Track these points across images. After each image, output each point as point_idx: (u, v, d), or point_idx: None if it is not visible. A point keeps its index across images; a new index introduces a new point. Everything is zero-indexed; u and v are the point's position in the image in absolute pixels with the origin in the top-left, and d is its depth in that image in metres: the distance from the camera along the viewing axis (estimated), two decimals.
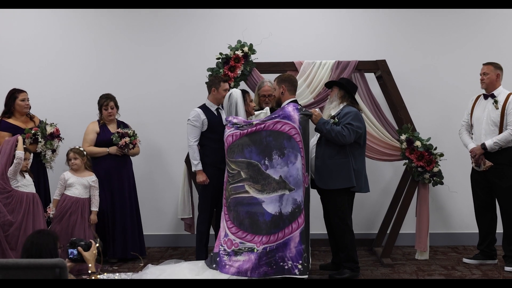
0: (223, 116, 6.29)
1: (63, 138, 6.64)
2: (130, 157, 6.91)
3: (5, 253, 5.77)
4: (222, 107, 6.35)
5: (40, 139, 6.43)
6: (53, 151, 6.52)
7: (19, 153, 5.91)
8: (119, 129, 6.71)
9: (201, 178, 6.21)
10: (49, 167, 6.60)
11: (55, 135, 6.51)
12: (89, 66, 7.59)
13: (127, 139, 6.62)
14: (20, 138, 6.02)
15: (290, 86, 5.96)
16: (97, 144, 6.71)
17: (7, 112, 6.58)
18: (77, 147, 6.46)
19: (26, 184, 6.01)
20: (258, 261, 5.55)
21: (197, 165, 6.22)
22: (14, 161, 5.89)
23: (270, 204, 5.61)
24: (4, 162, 5.90)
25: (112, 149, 6.68)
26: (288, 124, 5.64)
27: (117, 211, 6.73)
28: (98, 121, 6.83)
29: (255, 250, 5.57)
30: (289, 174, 5.60)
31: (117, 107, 6.84)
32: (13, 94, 6.58)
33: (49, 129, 6.47)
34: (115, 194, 6.72)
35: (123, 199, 6.76)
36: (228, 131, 5.83)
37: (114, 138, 6.62)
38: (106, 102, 6.75)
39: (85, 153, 6.42)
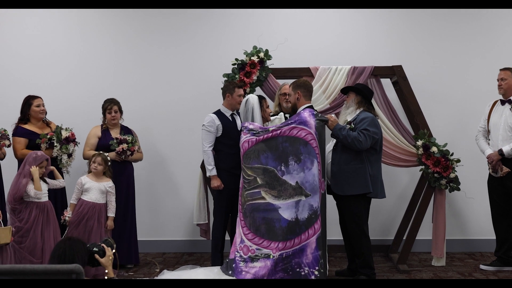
0: (238, 122, 6.31)
1: (78, 143, 6.67)
2: (132, 163, 6.91)
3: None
4: (237, 112, 6.36)
5: (55, 144, 6.47)
6: (69, 155, 6.54)
7: (35, 193, 5.87)
8: (119, 135, 6.70)
9: (216, 183, 6.22)
10: (65, 171, 6.62)
11: (71, 140, 6.53)
12: (106, 73, 7.63)
13: (124, 145, 6.60)
14: (35, 173, 5.93)
15: (305, 92, 5.95)
16: (98, 148, 6.68)
17: (23, 118, 6.63)
18: (106, 154, 6.46)
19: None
20: (274, 267, 5.55)
21: (211, 170, 6.22)
22: (30, 194, 5.86)
23: (286, 210, 5.60)
24: (15, 186, 5.88)
25: (112, 155, 6.64)
26: (304, 130, 5.63)
27: (117, 216, 6.63)
28: (101, 125, 6.84)
29: (271, 256, 5.57)
30: (306, 180, 5.59)
31: (121, 111, 6.84)
32: (28, 101, 6.64)
33: (64, 134, 6.50)
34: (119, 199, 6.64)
35: (120, 205, 6.66)
36: (244, 137, 5.84)
37: (112, 144, 6.63)
38: (110, 106, 6.75)
39: (109, 163, 6.43)
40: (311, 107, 5.92)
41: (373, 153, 5.88)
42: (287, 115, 6.34)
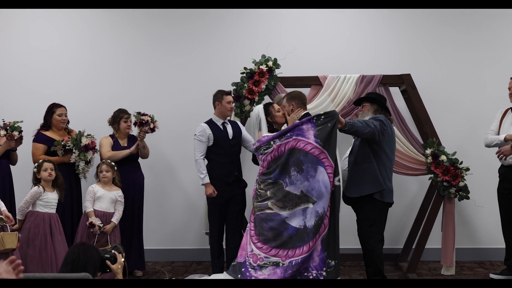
0: (230, 131, 6.41)
1: (97, 150, 6.69)
2: (141, 170, 6.94)
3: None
4: (229, 121, 6.47)
5: (74, 150, 6.47)
6: (87, 162, 6.55)
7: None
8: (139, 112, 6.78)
9: (209, 190, 6.28)
10: (82, 177, 6.65)
11: (90, 147, 6.52)
12: (115, 81, 7.68)
13: (147, 117, 6.67)
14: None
15: (300, 103, 5.93)
16: None
17: (45, 125, 6.68)
18: (109, 161, 6.50)
19: (44, 204, 5.95)
20: (284, 274, 5.55)
21: (203, 179, 6.29)
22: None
23: (293, 218, 5.59)
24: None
25: (133, 148, 6.68)
26: (302, 141, 5.59)
27: (126, 222, 6.68)
28: (111, 136, 6.85)
29: (281, 264, 5.58)
30: (311, 187, 5.56)
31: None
32: (51, 109, 6.69)
33: (84, 141, 6.49)
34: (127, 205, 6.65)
35: (128, 210, 6.68)
36: (261, 157, 5.82)
37: (135, 116, 6.70)
38: (127, 115, 6.81)
39: (115, 168, 6.46)
40: (307, 114, 5.90)
41: (381, 153, 5.76)
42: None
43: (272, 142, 5.72)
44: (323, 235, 5.59)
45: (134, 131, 6.92)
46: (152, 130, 6.77)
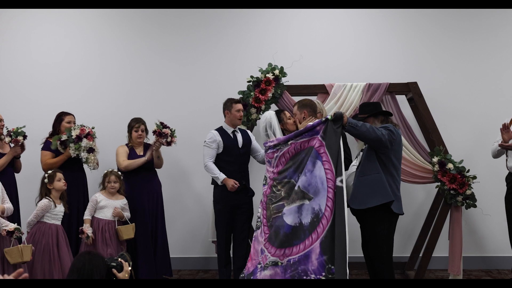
0: (240, 139, 6.40)
1: (95, 136, 6.54)
2: (158, 177, 6.92)
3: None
4: (239, 129, 6.46)
5: (70, 145, 6.41)
6: (89, 150, 6.45)
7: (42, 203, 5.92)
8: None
9: (230, 183, 6.20)
10: (91, 167, 6.53)
11: (82, 136, 6.41)
12: (123, 90, 7.72)
13: (168, 130, 6.63)
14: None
15: (311, 111, 5.90)
16: None
17: (53, 133, 6.67)
18: (116, 170, 6.50)
19: (52, 216, 5.94)
20: (284, 274, 5.40)
21: (219, 176, 6.23)
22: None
23: (289, 215, 5.38)
24: None
25: (149, 155, 6.63)
26: (313, 138, 5.49)
27: (146, 231, 6.67)
28: (126, 144, 6.82)
29: (279, 264, 5.41)
30: (308, 183, 5.36)
31: (146, 131, 6.84)
32: (60, 117, 6.69)
33: (74, 133, 6.41)
34: (146, 213, 6.66)
35: (152, 218, 6.72)
36: (276, 155, 5.75)
37: (157, 125, 6.62)
38: (138, 124, 6.76)
39: (122, 177, 6.46)
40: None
41: (388, 163, 5.67)
42: None
43: (289, 142, 5.66)
44: (321, 237, 5.29)
45: (152, 139, 6.87)
46: (169, 144, 6.69)
